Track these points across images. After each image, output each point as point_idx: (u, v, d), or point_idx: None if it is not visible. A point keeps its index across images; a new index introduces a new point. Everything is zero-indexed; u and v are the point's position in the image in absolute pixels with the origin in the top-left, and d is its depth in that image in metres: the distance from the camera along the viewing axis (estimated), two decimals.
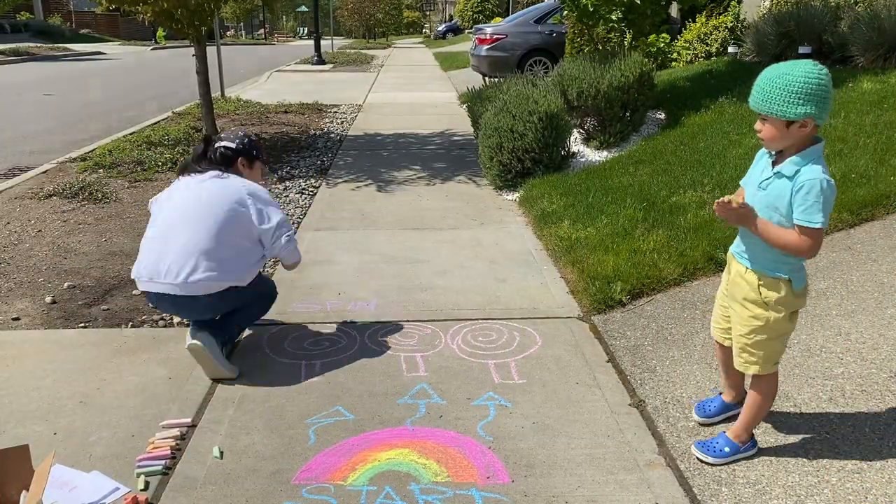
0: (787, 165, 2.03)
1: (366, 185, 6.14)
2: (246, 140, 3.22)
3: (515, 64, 12.21)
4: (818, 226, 1.97)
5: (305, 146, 7.88)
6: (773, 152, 2.12)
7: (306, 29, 57.49)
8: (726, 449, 2.30)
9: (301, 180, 6.25)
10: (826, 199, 1.98)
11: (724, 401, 2.53)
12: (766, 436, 2.41)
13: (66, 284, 3.89)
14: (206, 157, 3.16)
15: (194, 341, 2.83)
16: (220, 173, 3.06)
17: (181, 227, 2.89)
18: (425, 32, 64.11)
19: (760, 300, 2.14)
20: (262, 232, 2.97)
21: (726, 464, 2.29)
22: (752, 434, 2.33)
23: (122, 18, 40.15)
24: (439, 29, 49.61)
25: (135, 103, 12.04)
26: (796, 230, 2.01)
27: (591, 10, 7.10)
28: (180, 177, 3.12)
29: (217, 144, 3.18)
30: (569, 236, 4.27)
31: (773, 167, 2.09)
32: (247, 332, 3.33)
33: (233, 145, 3.17)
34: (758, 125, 2.08)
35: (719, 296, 2.39)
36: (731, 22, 10.14)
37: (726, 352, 2.39)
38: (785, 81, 1.96)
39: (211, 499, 2.19)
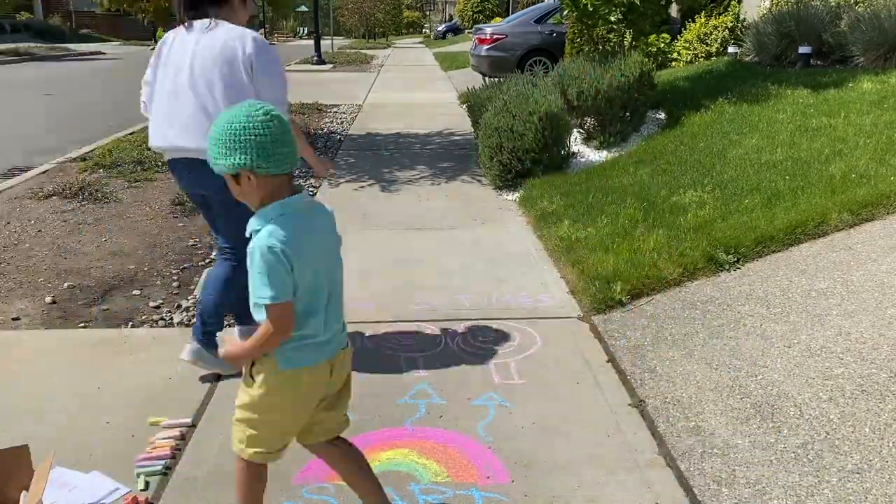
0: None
1: (366, 185, 6.14)
2: None
3: (515, 64, 12.20)
4: (267, 301, 1.64)
5: None
6: None
7: (306, 29, 57.43)
8: None
9: (301, 180, 6.25)
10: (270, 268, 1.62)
11: None
12: (766, 436, 2.41)
13: (66, 284, 3.89)
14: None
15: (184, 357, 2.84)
16: (210, 24, 2.71)
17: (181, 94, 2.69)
18: (425, 32, 64.09)
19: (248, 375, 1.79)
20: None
21: None
22: None
23: (122, 18, 40.14)
24: (439, 29, 49.62)
25: (135, 103, 12.00)
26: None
27: (591, 10, 7.10)
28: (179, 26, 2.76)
29: None
30: (569, 236, 4.27)
31: None
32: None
33: None
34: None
35: None
36: (731, 22, 10.14)
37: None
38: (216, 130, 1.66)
39: (211, 499, 2.19)
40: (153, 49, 3.02)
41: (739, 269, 3.66)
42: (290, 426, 1.85)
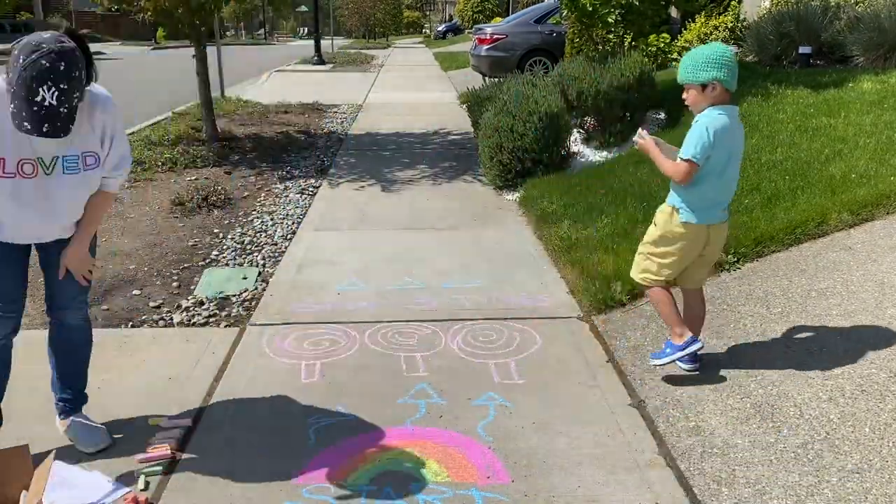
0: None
1: (366, 185, 6.14)
2: None
3: (515, 64, 12.19)
4: (687, 157, 2.60)
5: (306, 146, 7.88)
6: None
7: (306, 29, 57.47)
8: (667, 350, 2.79)
9: (301, 180, 6.25)
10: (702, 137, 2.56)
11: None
12: (766, 436, 2.41)
13: None
14: None
15: None
16: None
17: None
18: (425, 32, 64.06)
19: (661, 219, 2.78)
20: None
21: (667, 364, 2.79)
22: (680, 335, 2.76)
23: (122, 18, 40.12)
24: (439, 29, 49.58)
25: (135, 103, 12.03)
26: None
27: (590, 10, 7.10)
28: None
29: None
30: (569, 236, 4.27)
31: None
32: (247, 331, 3.33)
33: None
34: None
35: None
36: (731, 22, 10.13)
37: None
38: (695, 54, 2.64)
39: (211, 499, 2.19)
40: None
41: (739, 269, 3.66)
42: (673, 265, 2.73)
